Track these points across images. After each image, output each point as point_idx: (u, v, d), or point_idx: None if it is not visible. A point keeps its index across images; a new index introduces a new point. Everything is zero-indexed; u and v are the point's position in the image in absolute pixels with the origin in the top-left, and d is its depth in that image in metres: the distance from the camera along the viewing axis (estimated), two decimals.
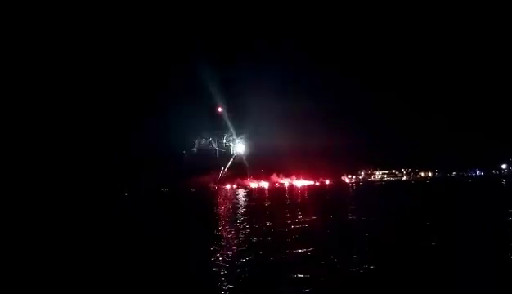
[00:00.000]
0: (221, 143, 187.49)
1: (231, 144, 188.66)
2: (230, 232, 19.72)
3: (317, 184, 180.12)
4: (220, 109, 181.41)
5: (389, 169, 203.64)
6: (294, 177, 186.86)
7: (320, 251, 14.61)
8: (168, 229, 24.83)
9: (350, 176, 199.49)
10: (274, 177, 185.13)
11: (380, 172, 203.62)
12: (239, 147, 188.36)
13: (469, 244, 14.98)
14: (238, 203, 44.28)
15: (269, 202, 43.74)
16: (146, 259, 16.12)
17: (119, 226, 33.79)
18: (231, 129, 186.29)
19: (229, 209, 35.80)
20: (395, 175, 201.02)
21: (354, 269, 11.62)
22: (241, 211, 29.70)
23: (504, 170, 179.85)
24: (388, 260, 12.74)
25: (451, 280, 10.98)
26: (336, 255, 13.71)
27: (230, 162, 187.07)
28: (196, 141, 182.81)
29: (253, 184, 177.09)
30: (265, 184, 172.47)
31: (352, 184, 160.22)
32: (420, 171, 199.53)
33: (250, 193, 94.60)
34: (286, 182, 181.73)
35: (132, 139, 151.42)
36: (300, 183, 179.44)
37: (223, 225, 22.56)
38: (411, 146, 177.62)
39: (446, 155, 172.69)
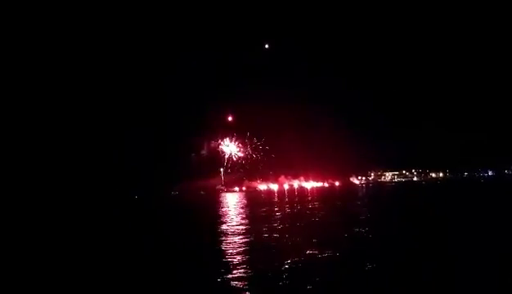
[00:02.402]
0: (229, 145, 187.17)
1: (239, 146, 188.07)
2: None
3: (326, 185, 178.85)
4: (230, 117, 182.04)
5: (400, 170, 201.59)
6: (302, 179, 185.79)
7: None
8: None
9: (360, 177, 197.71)
10: (282, 179, 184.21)
11: (390, 173, 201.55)
12: (247, 149, 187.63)
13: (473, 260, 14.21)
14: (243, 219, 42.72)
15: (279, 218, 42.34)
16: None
17: (113, 228, 33.87)
18: (240, 131, 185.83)
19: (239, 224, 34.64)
20: (405, 176, 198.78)
21: None
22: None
23: None
24: None
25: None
26: None
27: (238, 165, 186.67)
28: (205, 143, 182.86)
29: (262, 186, 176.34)
30: (274, 187, 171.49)
31: (362, 186, 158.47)
32: (431, 172, 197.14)
33: (259, 197, 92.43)
34: (295, 184, 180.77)
35: (137, 140, 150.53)
36: (309, 184, 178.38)
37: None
38: (422, 146, 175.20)
39: (457, 155, 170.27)
